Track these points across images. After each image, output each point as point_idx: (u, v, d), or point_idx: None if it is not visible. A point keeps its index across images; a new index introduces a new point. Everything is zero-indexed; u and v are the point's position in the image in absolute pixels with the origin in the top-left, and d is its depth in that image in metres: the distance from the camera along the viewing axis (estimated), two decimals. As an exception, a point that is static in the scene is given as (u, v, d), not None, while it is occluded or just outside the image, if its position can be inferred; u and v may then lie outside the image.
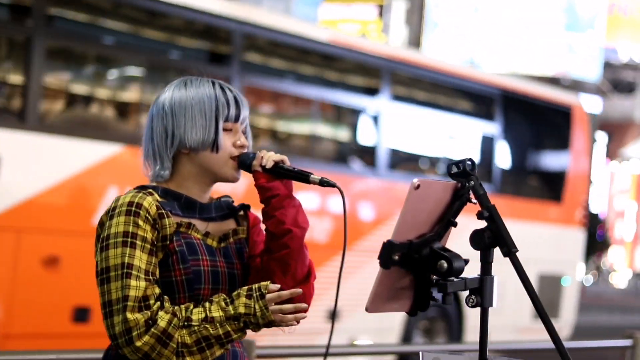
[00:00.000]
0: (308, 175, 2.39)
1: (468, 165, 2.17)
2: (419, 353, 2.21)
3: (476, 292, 2.14)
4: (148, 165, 2.47)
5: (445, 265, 2.10)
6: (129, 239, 2.30)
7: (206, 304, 2.31)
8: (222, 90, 2.44)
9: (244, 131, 2.47)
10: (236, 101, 2.44)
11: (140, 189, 2.41)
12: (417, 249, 2.12)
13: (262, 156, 2.41)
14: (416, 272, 2.15)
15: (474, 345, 2.21)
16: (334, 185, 2.38)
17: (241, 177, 2.48)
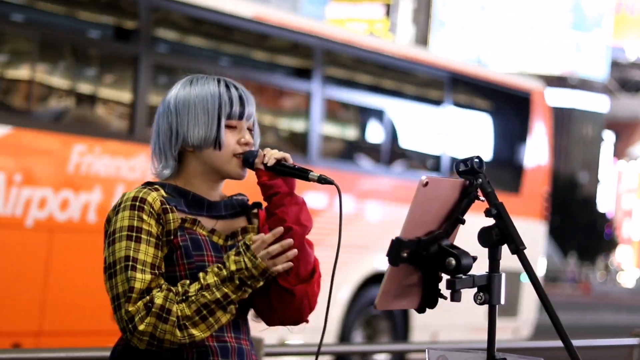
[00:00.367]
0: (307, 172, 2.39)
1: (476, 163, 2.17)
2: (425, 351, 2.21)
3: (484, 290, 2.14)
4: (155, 162, 2.47)
5: (453, 262, 2.10)
6: (134, 233, 2.31)
7: (201, 274, 2.32)
8: (227, 87, 2.44)
9: (250, 129, 2.47)
10: (241, 98, 2.44)
11: (147, 185, 2.41)
12: (426, 246, 2.12)
13: (264, 154, 2.41)
14: (424, 269, 2.15)
15: (482, 344, 2.21)
16: (332, 182, 2.38)
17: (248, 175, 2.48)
